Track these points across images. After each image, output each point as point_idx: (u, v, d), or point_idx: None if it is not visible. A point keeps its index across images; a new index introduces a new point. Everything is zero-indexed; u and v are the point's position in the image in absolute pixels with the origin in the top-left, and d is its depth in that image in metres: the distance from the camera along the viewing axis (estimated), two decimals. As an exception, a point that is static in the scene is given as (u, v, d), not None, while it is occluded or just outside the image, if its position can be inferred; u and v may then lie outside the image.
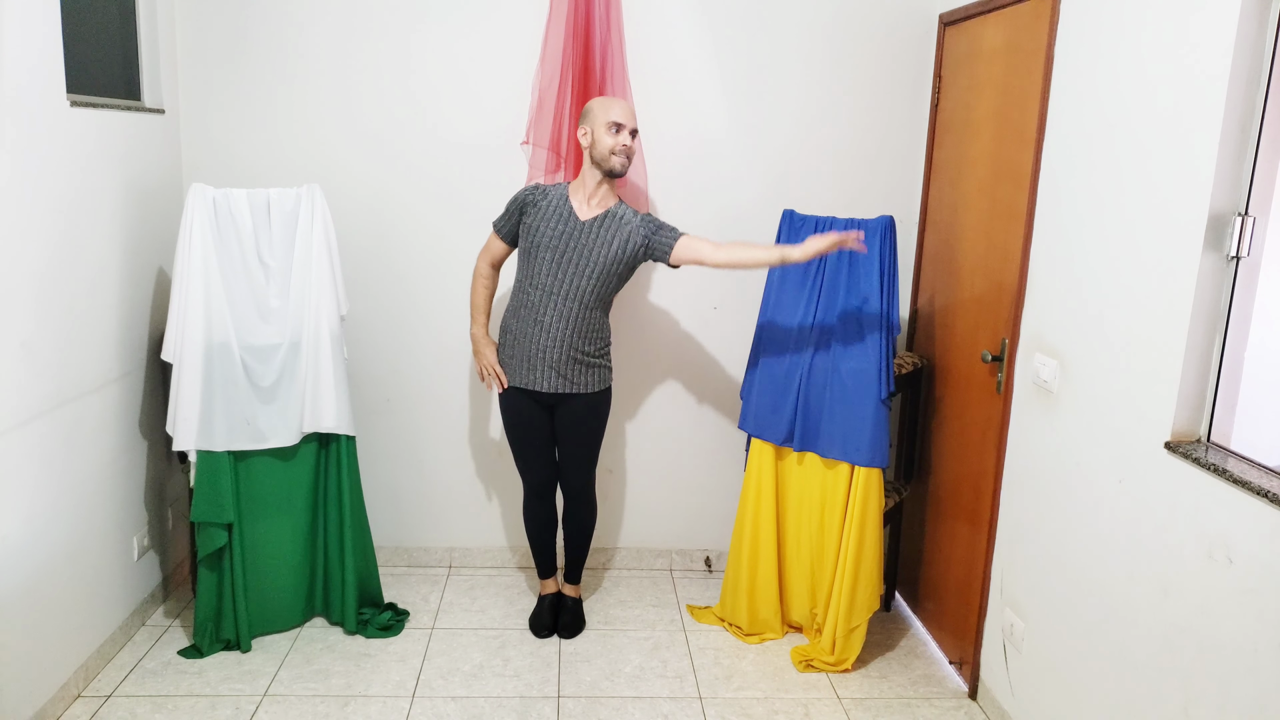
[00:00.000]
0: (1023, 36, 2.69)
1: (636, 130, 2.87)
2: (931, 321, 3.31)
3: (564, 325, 2.87)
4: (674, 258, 2.87)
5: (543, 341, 2.88)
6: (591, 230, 2.86)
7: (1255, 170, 1.90)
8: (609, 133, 2.81)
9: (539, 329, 2.88)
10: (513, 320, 2.96)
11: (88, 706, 2.71)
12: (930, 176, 3.38)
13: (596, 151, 2.83)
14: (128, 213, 2.95)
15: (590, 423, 3.06)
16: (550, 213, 2.88)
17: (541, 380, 2.93)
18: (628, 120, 2.82)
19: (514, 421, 3.06)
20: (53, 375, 2.58)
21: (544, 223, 2.87)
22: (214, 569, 2.96)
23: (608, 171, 2.84)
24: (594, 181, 2.88)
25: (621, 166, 2.83)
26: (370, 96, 3.32)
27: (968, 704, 2.89)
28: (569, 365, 2.92)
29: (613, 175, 2.85)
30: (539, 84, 3.24)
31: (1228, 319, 1.97)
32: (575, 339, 2.89)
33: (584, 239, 2.85)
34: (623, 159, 2.82)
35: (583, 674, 2.98)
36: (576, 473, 3.13)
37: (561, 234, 2.85)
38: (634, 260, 2.92)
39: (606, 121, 2.81)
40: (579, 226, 2.86)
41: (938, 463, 3.20)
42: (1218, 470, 1.86)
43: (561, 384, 2.93)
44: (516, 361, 2.95)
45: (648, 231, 2.88)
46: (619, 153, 2.80)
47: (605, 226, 2.87)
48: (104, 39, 2.99)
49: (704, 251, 2.84)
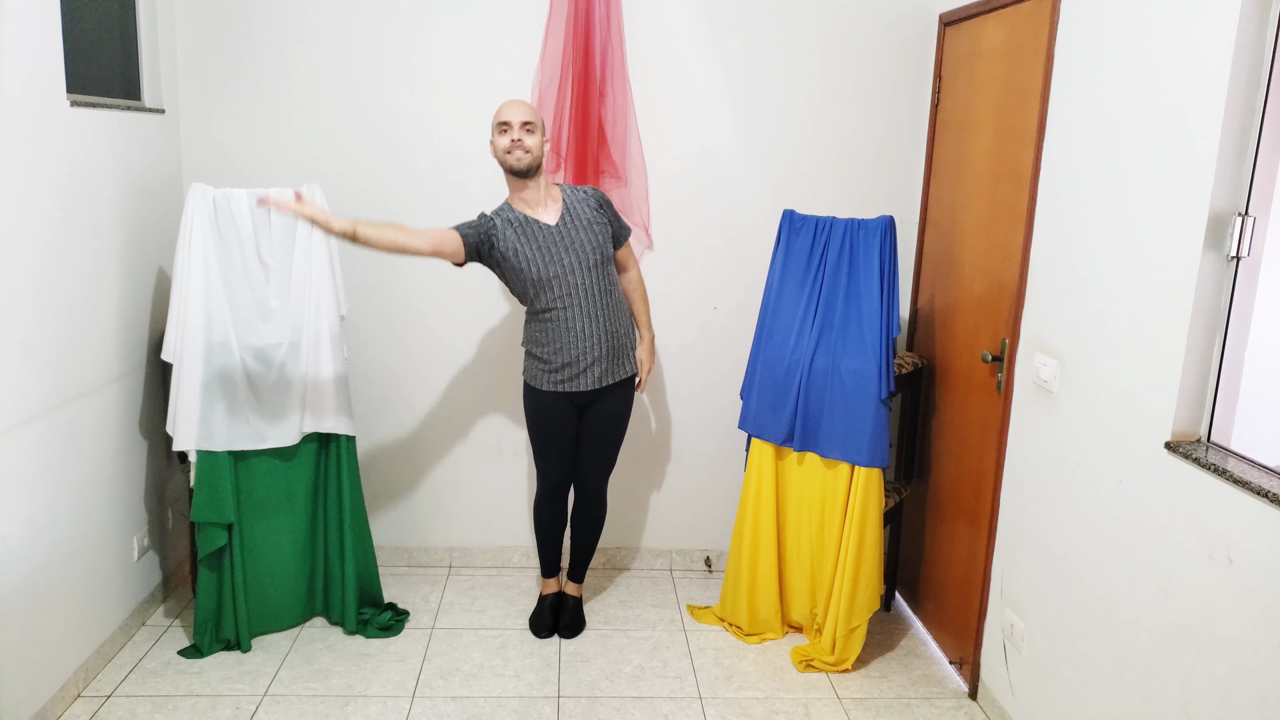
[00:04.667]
0: (1023, 36, 2.69)
1: (531, 125, 2.79)
2: (931, 321, 3.31)
3: (597, 318, 2.88)
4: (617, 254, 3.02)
5: (585, 342, 2.88)
6: (563, 228, 2.86)
7: (1255, 170, 1.90)
8: (498, 133, 2.81)
9: (577, 337, 2.87)
10: (542, 337, 2.91)
11: (88, 706, 2.70)
12: (930, 176, 3.38)
13: (496, 156, 2.83)
14: (128, 212, 2.95)
15: (619, 421, 3.08)
16: (516, 235, 2.82)
17: (588, 380, 2.93)
18: (514, 117, 2.79)
19: (544, 421, 3.03)
20: (52, 375, 2.58)
21: (519, 245, 2.81)
22: (214, 569, 2.96)
23: (513, 171, 2.81)
24: (527, 190, 2.85)
25: (519, 161, 2.78)
26: (370, 96, 3.32)
27: (968, 704, 2.89)
28: (611, 353, 2.93)
29: (518, 173, 2.81)
30: (539, 84, 3.24)
31: (1228, 319, 1.97)
32: (609, 322, 2.92)
33: (563, 237, 2.85)
34: (518, 154, 2.78)
35: (583, 674, 2.98)
36: (596, 473, 3.13)
37: (544, 246, 2.83)
38: (607, 222, 2.94)
39: (495, 124, 2.82)
40: (552, 231, 2.85)
41: (938, 463, 3.20)
42: (1218, 470, 1.86)
43: (603, 377, 2.94)
44: (557, 372, 2.92)
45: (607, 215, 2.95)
46: (511, 150, 2.78)
47: (573, 218, 2.88)
48: (104, 39, 2.99)
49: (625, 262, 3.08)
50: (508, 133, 2.79)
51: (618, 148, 3.28)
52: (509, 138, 2.79)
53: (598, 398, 2.99)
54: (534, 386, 2.99)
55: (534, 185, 2.86)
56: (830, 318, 3.02)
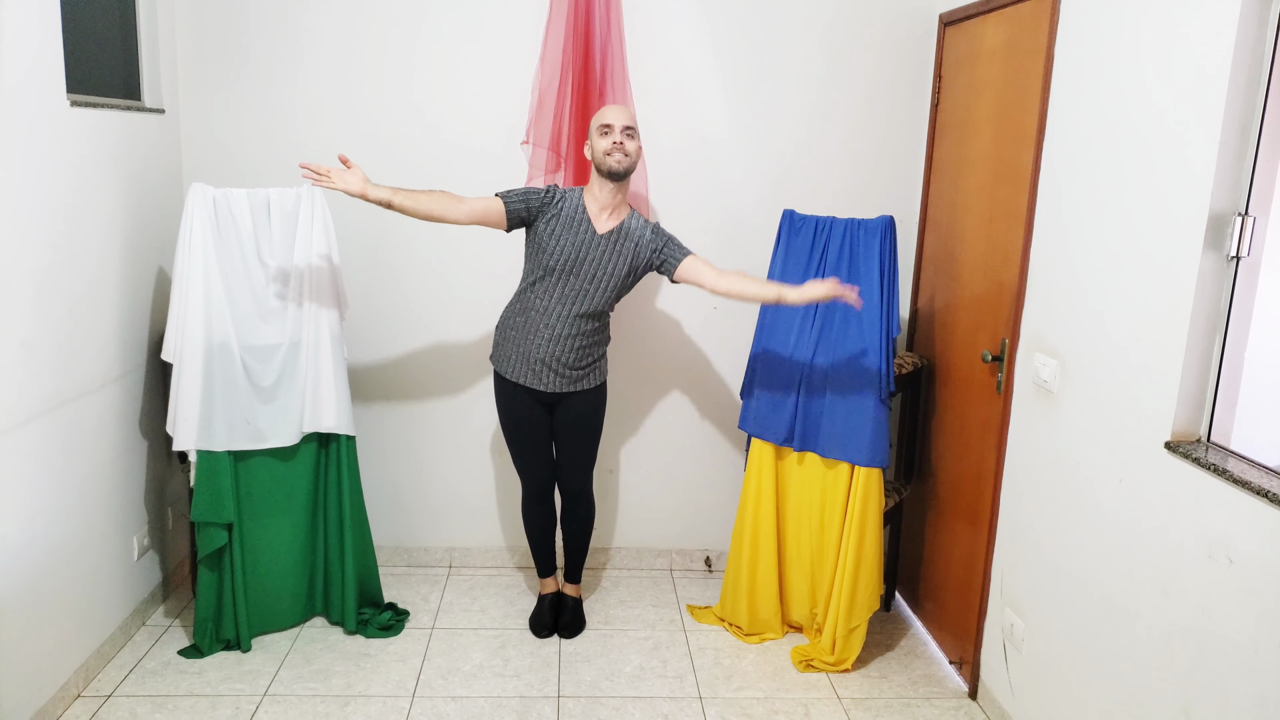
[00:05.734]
0: (1023, 36, 2.69)
1: (633, 130, 2.85)
2: (931, 321, 3.31)
3: (572, 333, 2.89)
4: (678, 274, 2.89)
5: (551, 349, 2.89)
6: (606, 244, 2.87)
7: (1255, 170, 1.90)
8: (599, 135, 2.84)
9: (546, 336, 2.88)
10: (518, 318, 2.94)
11: (88, 706, 2.70)
12: (930, 176, 3.38)
13: (594, 156, 2.85)
14: (128, 212, 2.95)
15: (590, 419, 3.07)
16: (567, 220, 2.86)
17: (544, 381, 2.93)
18: (616, 120, 2.84)
19: (513, 421, 3.06)
20: (52, 375, 2.58)
21: (562, 230, 2.85)
22: (214, 569, 2.96)
23: (606, 173, 2.84)
24: (606, 192, 2.88)
25: (618, 164, 2.82)
26: (371, 95, 3.32)
27: (968, 704, 2.89)
28: (574, 368, 2.93)
29: (613, 176, 2.84)
30: (539, 84, 3.24)
31: (1228, 319, 1.97)
32: (582, 343, 2.91)
33: (598, 252, 2.86)
34: (618, 157, 2.82)
35: (583, 674, 2.98)
36: (576, 472, 3.13)
37: (579, 245, 2.85)
38: (643, 271, 2.93)
39: (597, 126, 2.86)
40: (595, 239, 2.86)
41: (938, 463, 3.20)
42: (1218, 470, 1.86)
43: (563, 384, 2.94)
44: (517, 360, 2.95)
45: (659, 244, 2.90)
46: (611, 152, 2.82)
47: (620, 240, 2.88)
48: (104, 39, 2.99)
49: (706, 276, 2.86)
50: (609, 135, 2.82)
51: (618, 148, 3.28)
52: (610, 140, 2.81)
53: (561, 399, 3.00)
54: (498, 373, 3.02)
55: (614, 190, 2.88)
56: (830, 317, 3.03)
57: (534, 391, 2.97)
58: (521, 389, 2.98)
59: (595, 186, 2.89)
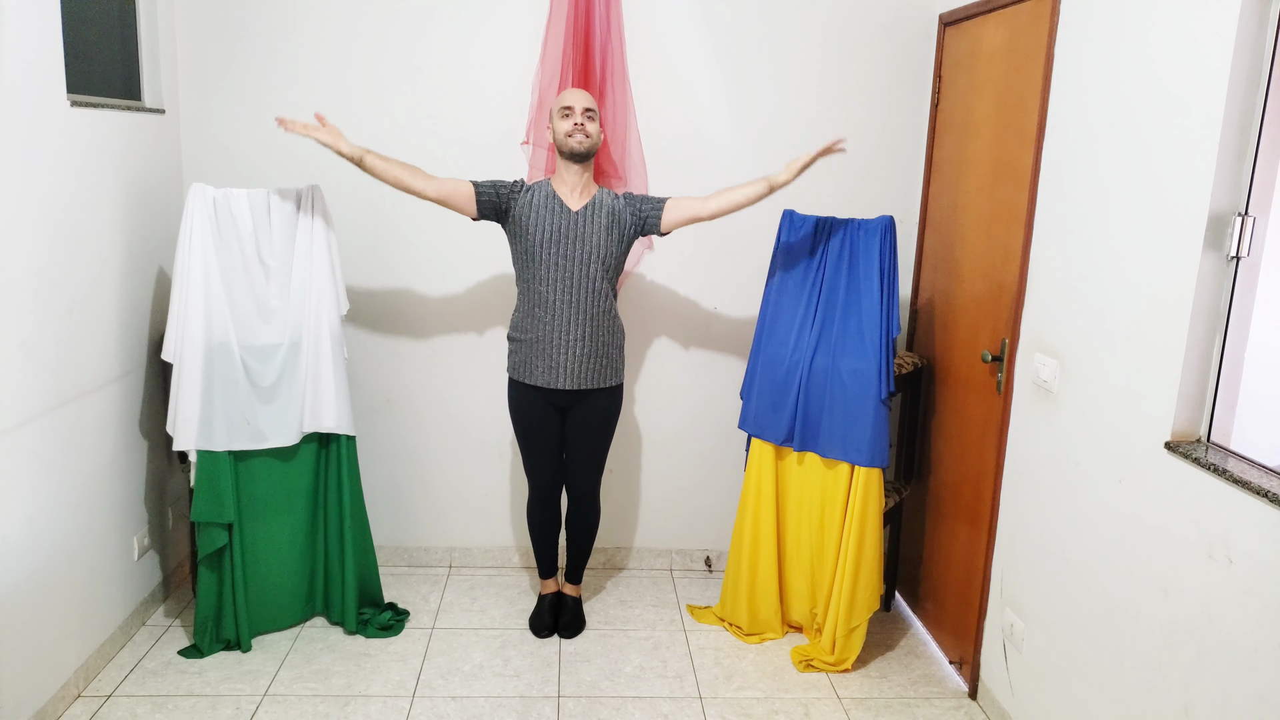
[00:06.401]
0: (1023, 36, 2.69)
1: (592, 112, 2.89)
2: (931, 321, 3.31)
3: (581, 316, 2.90)
4: (665, 223, 2.95)
5: (566, 336, 2.90)
6: (584, 218, 2.90)
7: (1255, 170, 1.90)
8: (560, 118, 2.89)
9: (558, 326, 2.90)
10: (527, 321, 2.95)
11: (88, 706, 2.70)
12: (930, 176, 3.38)
13: (556, 139, 2.90)
14: (128, 212, 2.95)
15: (604, 423, 3.07)
16: (540, 205, 2.90)
17: (563, 377, 2.93)
18: (577, 103, 2.88)
19: (526, 423, 3.06)
20: (52, 375, 2.58)
21: (536, 215, 2.89)
22: (214, 569, 2.96)
23: (569, 154, 2.88)
24: (572, 173, 2.92)
25: (580, 145, 2.86)
26: (371, 96, 3.32)
27: (968, 704, 2.89)
28: (591, 358, 2.94)
29: (575, 157, 2.88)
30: (539, 84, 3.24)
31: (1228, 319, 1.97)
32: (591, 327, 2.92)
33: (580, 227, 2.89)
34: (579, 138, 2.86)
35: (583, 674, 2.98)
36: (585, 476, 3.13)
37: (558, 226, 2.89)
38: (630, 238, 2.97)
39: (558, 109, 2.90)
40: (572, 217, 2.90)
41: (938, 463, 3.20)
42: (1218, 470, 1.86)
43: (582, 379, 2.95)
44: (534, 361, 2.94)
45: (634, 208, 2.96)
46: (572, 133, 2.86)
47: (596, 212, 2.91)
48: (104, 39, 2.99)
49: (693, 208, 2.95)
50: (570, 117, 2.87)
51: (617, 148, 3.28)
52: (571, 121, 2.86)
53: (579, 400, 3.00)
54: (515, 379, 3.02)
55: (580, 171, 2.92)
56: (830, 317, 3.02)
57: (550, 394, 2.97)
58: (537, 393, 2.98)
59: (562, 170, 2.94)
